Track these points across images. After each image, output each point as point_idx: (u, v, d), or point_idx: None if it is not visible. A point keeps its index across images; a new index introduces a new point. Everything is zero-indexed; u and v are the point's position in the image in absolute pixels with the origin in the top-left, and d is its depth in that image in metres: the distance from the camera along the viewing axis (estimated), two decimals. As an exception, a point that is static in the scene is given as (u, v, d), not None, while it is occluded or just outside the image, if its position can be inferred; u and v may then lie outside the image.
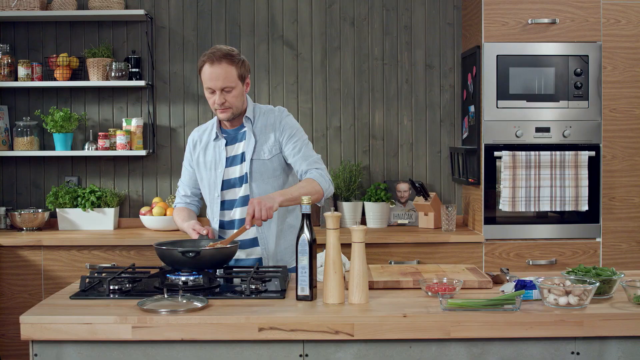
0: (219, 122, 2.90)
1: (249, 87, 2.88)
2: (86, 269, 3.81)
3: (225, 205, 2.87)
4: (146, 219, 4.19)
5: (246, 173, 2.83)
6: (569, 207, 3.85)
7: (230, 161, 2.86)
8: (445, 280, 2.37)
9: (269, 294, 2.36)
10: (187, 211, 3.00)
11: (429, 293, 2.31)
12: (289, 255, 2.92)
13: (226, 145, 2.87)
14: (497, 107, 3.90)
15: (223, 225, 2.89)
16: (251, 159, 2.83)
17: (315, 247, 2.29)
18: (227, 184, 2.86)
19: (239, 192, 2.85)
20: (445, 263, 3.79)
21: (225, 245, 2.59)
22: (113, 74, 4.21)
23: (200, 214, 3.55)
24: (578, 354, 2.12)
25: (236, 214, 2.85)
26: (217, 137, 2.89)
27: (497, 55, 3.89)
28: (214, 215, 2.90)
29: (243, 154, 2.85)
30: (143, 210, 4.25)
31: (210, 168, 2.90)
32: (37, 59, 4.38)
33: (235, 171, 2.85)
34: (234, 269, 2.68)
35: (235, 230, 2.81)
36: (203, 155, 2.92)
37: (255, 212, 2.53)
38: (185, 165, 3.02)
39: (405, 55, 4.45)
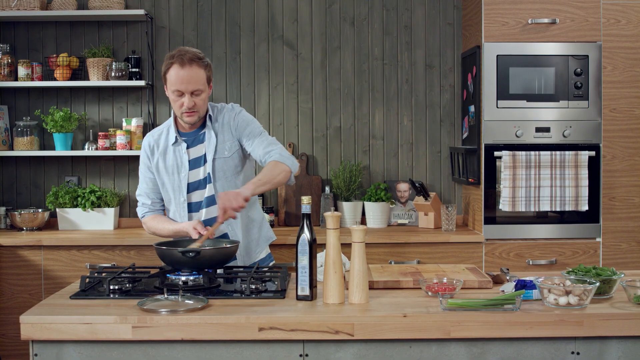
0: (176, 125, 2.87)
1: (211, 90, 2.87)
2: (86, 269, 3.81)
3: (192, 207, 2.86)
4: (146, 219, 4.19)
5: (209, 173, 2.83)
6: (569, 207, 3.85)
7: (193, 164, 2.85)
8: (445, 280, 2.37)
9: (269, 293, 2.36)
10: (165, 217, 2.94)
11: (429, 293, 2.31)
12: (253, 248, 2.96)
13: (187, 148, 2.85)
14: (497, 107, 3.90)
15: None
16: (213, 158, 2.82)
17: (315, 247, 2.29)
18: (192, 187, 2.85)
19: (205, 193, 2.85)
20: (445, 263, 3.79)
21: (204, 240, 2.59)
22: (113, 74, 4.21)
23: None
24: (578, 354, 2.12)
25: (202, 215, 2.85)
26: (176, 140, 2.85)
27: (497, 55, 3.89)
28: (181, 219, 2.87)
29: (205, 154, 2.84)
30: (143, 210, 4.25)
31: (172, 173, 2.86)
32: (37, 59, 4.38)
33: (199, 173, 2.85)
34: (234, 269, 2.68)
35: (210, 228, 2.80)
36: (163, 161, 2.87)
37: (224, 203, 2.54)
38: (144, 172, 2.93)
39: (405, 55, 4.45)
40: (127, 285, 2.42)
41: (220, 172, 2.84)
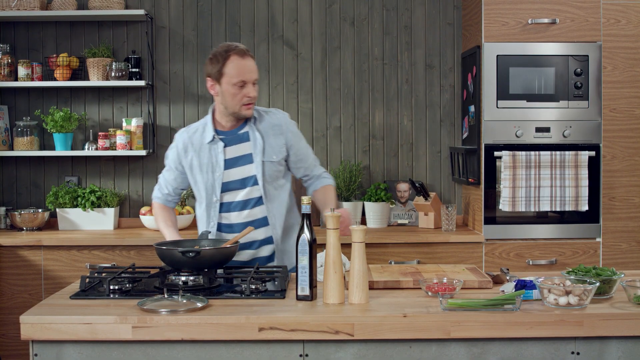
0: (214, 123, 2.83)
1: None
2: (86, 269, 3.81)
3: (223, 208, 2.83)
4: (146, 219, 4.19)
5: (255, 175, 2.78)
6: (569, 207, 3.85)
7: (230, 163, 2.80)
8: (445, 280, 2.37)
9: (269, 293, 2.36)
10: (169, 213, 2.93)
11: (429, 293, 2.31)
12: (292, 253, 2.94)
13: (225, 147, 2.80)
14: (497, 107, 3.90)
15: (221, 228, 2.85)
16: (262, 161, 2.78)
17: (315, 247, 2.29)
18: (225, 187, 2.80)
19: (240, 194, 2.80)
20: (445, 263, 3.79)
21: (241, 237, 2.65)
22: (113, 74, 4.21)
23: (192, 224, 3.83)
24: (578, 354, 2.12)
25: (241, 217, 2.82)
26: (213, 139, 2.80)
27: (497, 55, 3.89)
28: (210, 219, 2.83)
29: (248, 155, 2.79)
30: (143, 210, 4.25)
31: (206, 171, 2.81)
32: (37, 59, 4.38)
33: (236, 173, 2.80)
34: (234, 269, 2.68)
35: (237, 233, 2.79)
36: (197, 158, 2.82)
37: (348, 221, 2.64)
38: (171, 166, 2.90)
39: (405, 55, 4.45)
40: (127, 285, 2.42)
41: (267, 176, 2.80)
